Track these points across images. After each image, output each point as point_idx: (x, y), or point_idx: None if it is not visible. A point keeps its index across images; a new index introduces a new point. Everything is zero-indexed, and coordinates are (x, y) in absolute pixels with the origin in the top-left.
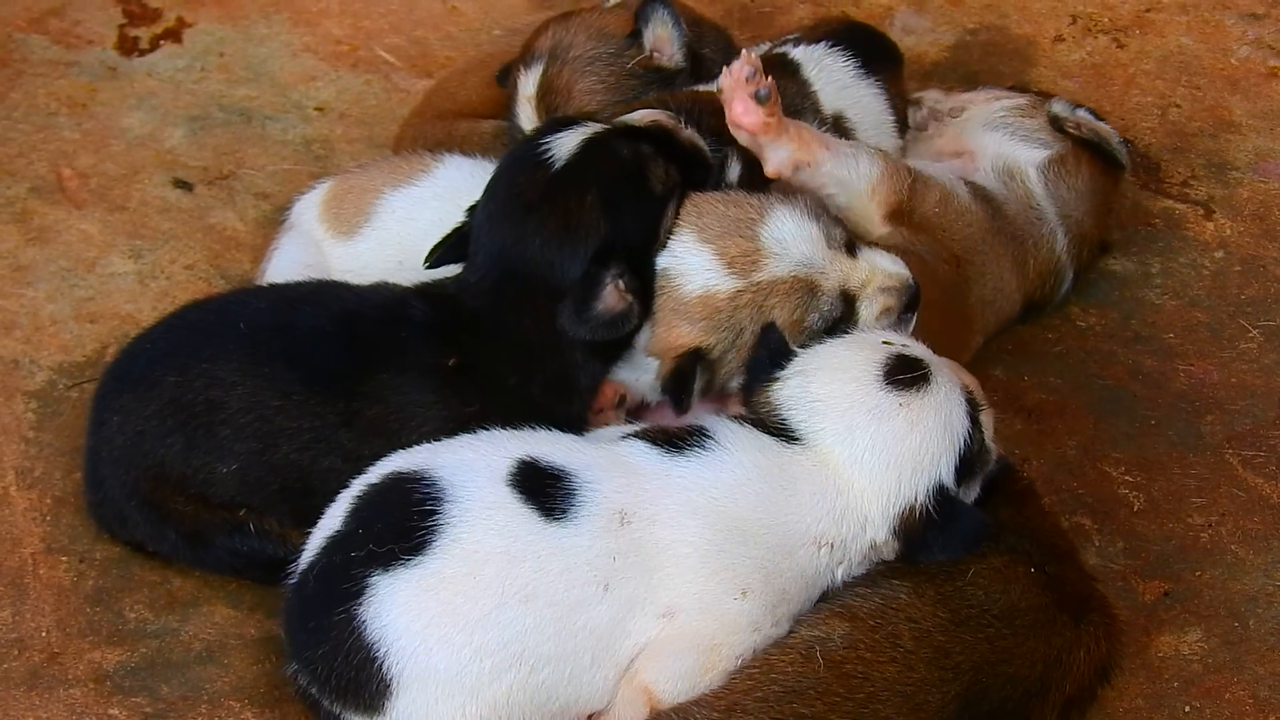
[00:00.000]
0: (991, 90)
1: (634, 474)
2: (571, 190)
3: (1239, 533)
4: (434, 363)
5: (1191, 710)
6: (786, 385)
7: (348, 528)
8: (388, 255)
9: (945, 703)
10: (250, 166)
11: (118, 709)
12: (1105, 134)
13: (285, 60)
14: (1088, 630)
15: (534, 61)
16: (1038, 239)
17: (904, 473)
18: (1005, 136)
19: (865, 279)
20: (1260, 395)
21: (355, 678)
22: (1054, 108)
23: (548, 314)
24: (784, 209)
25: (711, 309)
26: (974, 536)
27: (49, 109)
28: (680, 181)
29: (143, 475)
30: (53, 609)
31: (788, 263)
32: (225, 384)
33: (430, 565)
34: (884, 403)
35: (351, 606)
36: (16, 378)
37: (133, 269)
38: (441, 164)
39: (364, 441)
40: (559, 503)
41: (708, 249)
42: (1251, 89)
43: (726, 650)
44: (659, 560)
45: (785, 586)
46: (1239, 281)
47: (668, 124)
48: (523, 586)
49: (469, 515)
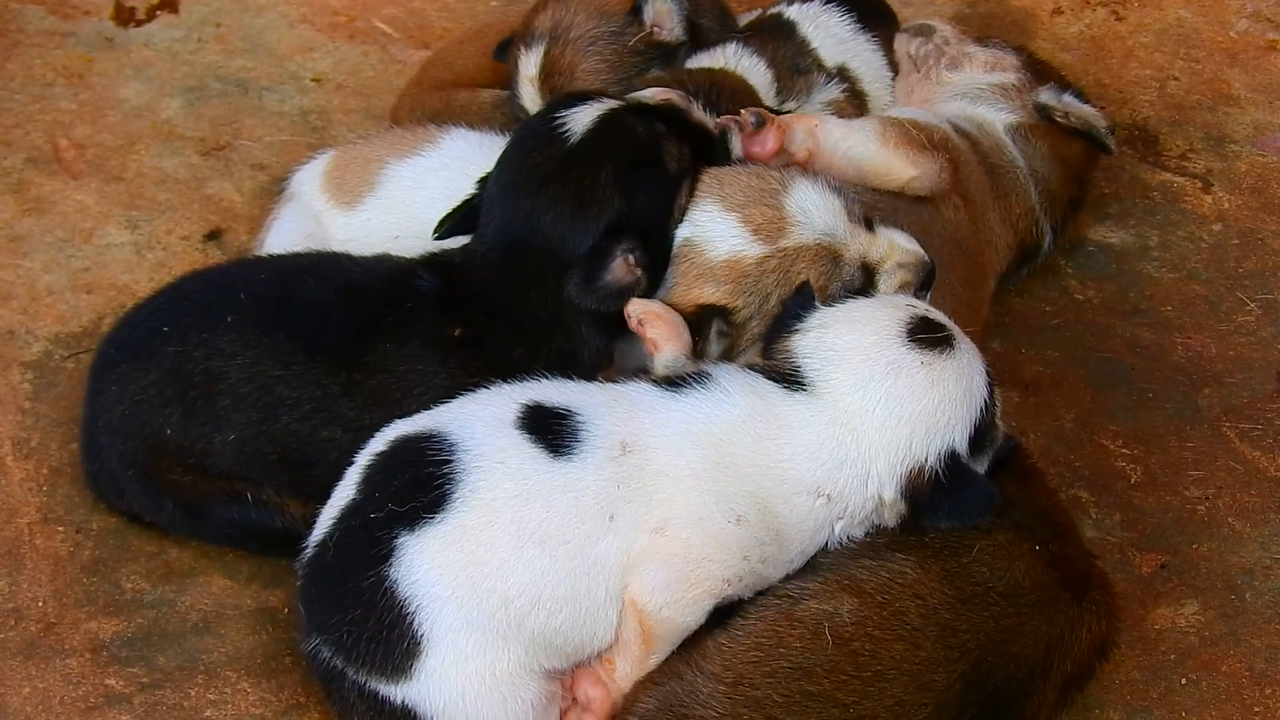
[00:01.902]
0: (997, 51)
1: (636, 407)
2: (587, 165)
3: (1236, 506)
4: (439, 333)
5: (1188, 683)
6: (807, 335)
7: (363, 494)
8: (391, 225)
9: (951, 682)
10: (247, 137)
11: (114, 679)
12: (1093, 120)
13: (282, 31)
14: (1089, 609)
15: (535, 42)
16: (1014, 184)
17: (916, 431)
18: (976, 104)
19: (885, 254)
20: (1258, 368)
21: (386, 639)
22: (1041, 97)
23: (556, 287)
24: (806, 181)
25: (738, 273)
26: (982, 506)
27: (45, 79)
28: (692, 162)
29: (141, 445)
30: (49, 579)
31: (812, 231)
32: (225, 354)
33: (452, 518)
34: (905, 358)
35: (379, 569)
36: (13, 348)
37: (129, 240)
38: (447, 135)
39: (365, 411)
40: (565, 440)
41: (733, 216)
42: (1250, 62)
43: (713, 567)
44: (658, 483)
45: (781, 529)
46: (1237, 254)
47: (680, 103)
48: (536, 528)
49: (483, 462)
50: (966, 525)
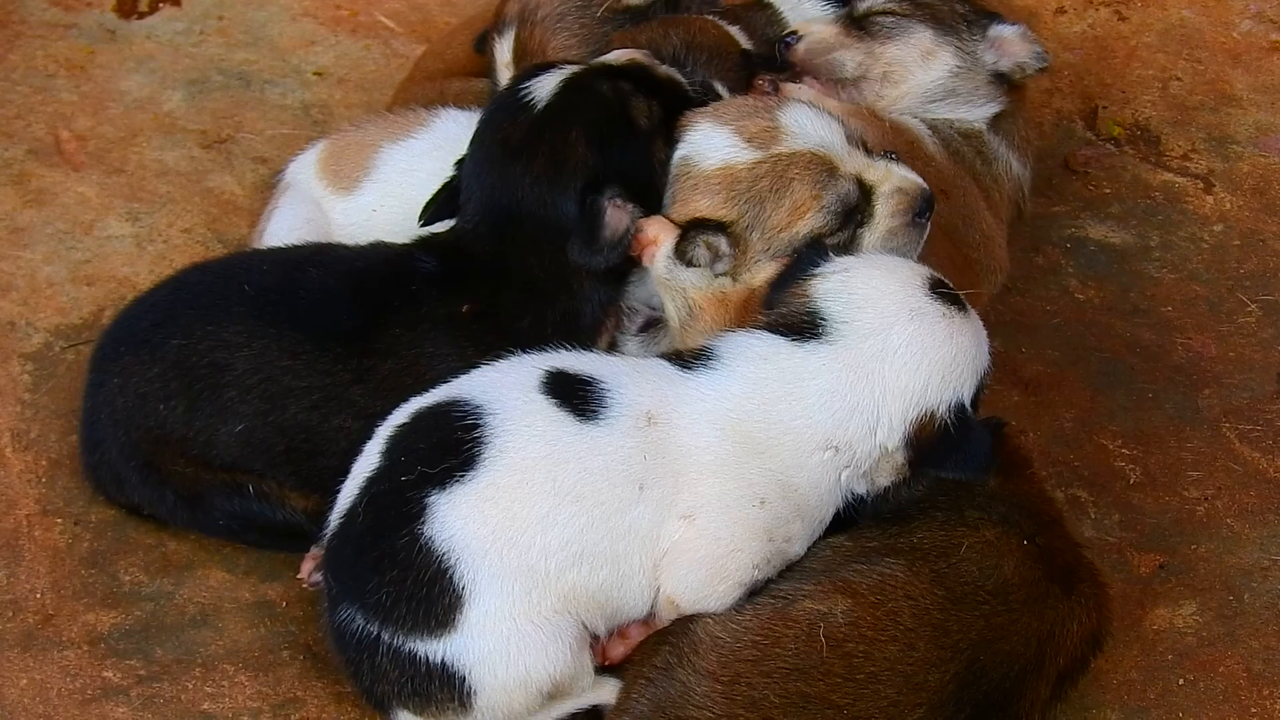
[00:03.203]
0: (903, 31)
1: (655, 379)
2: (556, 129)
3: (1235, 507)
4: (446, 312)
5: (1185, 683)
6: (827, 280)
7: (390, 461)
8: (390, 207)
9: (945, 682)
10: (249, 130)
11: (111, 671)
12: (1039, 60)
13: (284, 24)
14: (1078, 601)
15: (505, 28)
16: (1002, 178)
17: (933, 378)
18: (951, 107)
19: (882, 176)
20: (1258, 369)
21: (427, 594)
22: (1001, 65)
23: (550, 249)
24: (802, 102)
25: (731, 179)
26: (985, 458)
27: (47, 71)
28: (664, 117)
29: (143, 437)
30: (47, 571)
31: (806, 141)
32: (231, 346)
33: (484, 477)
34: (928, 307)
35: (414, 527)
36: (13, 340)
37: (130, 232)
38: (438, 117)
39: (377, 397)
40: (590, 405)
41: (726, 129)
42: (1253, 63)
43: (742, 557)
44: (683, 463)
45: (801, 503)
46: (1238, 255)
47: (644, 61)
48: (571, 487)
49: (511, 425)
50: (969, 476)
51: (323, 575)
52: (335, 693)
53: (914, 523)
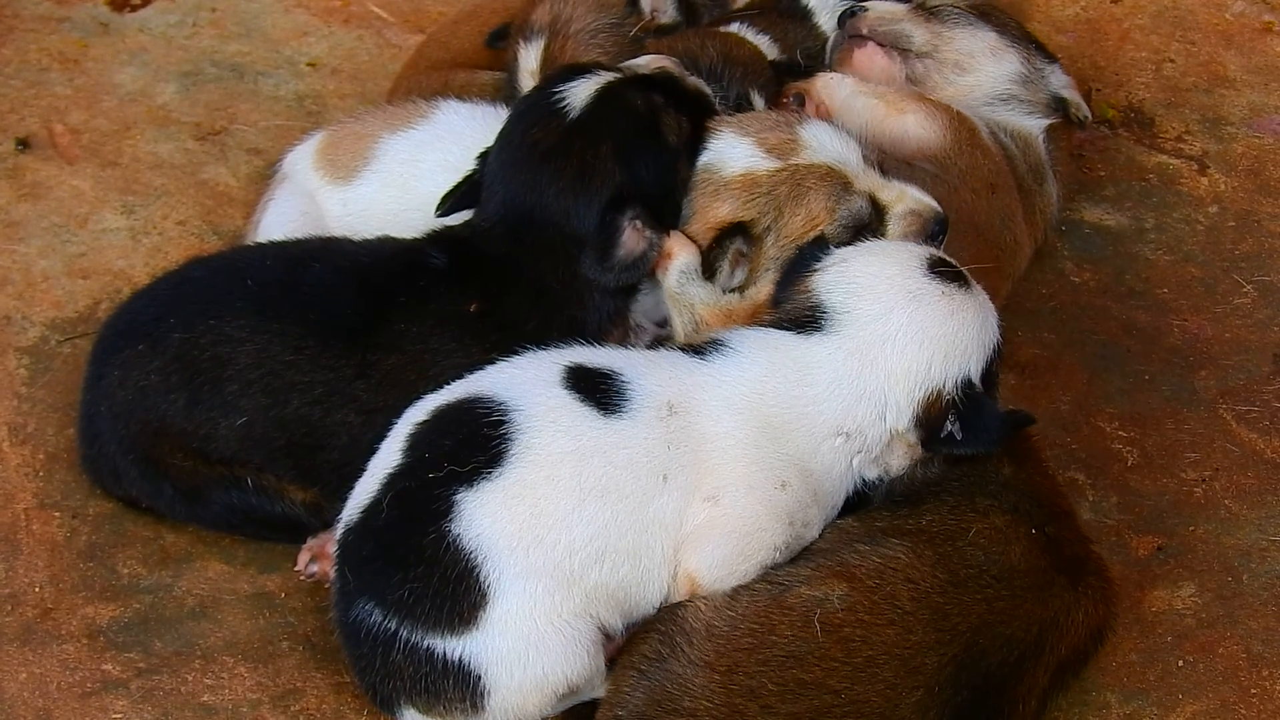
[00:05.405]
0: (970, 25)
1: (672, 369)
2: (587, 141)
3: (1232, 488)
4: (454, 309)
5: (1184, 665)
6: (827, 272)
7: (413, 458)
8: (389, 198)
9: (942, 665)
10: (243, 122)
11: (111, 664)
12: (1083, 111)
13: (277, 16)
14: (1085, 593)
15: (534, 35)
16: (1044, 196)
17: (935, 356)
18: (1012, 112)
19: (896, 197)
20: (1254, 350)
21: (453, 592)
22: (1064, 92)
23: (565, 258)
24: (823, 121)
25: (751, 184)
26: (999, 431)
27: (41, 65)
28: (692, 131)
29: (142, 431)
30: (46, 565)
31: (824, 154)
32: (233, 340)
33: (511, 474)
34: (926, 287)
35: (442, 524)
36: (9, 333)
37: (125, 225)
38: (439, 108)
39: (380, 392)
40: (612, 398)
41: (748, 139)
42: (1246, 44)
43: (766, 537)
44: (706, 451)
45: (817, 488)
46: (1233, 237)
47: (674, 70)
48: (597, 482)
49: (536, 421)
50: (985, 451)
51: (336, 570)
52: (335, 683)
53: (924, 505)
